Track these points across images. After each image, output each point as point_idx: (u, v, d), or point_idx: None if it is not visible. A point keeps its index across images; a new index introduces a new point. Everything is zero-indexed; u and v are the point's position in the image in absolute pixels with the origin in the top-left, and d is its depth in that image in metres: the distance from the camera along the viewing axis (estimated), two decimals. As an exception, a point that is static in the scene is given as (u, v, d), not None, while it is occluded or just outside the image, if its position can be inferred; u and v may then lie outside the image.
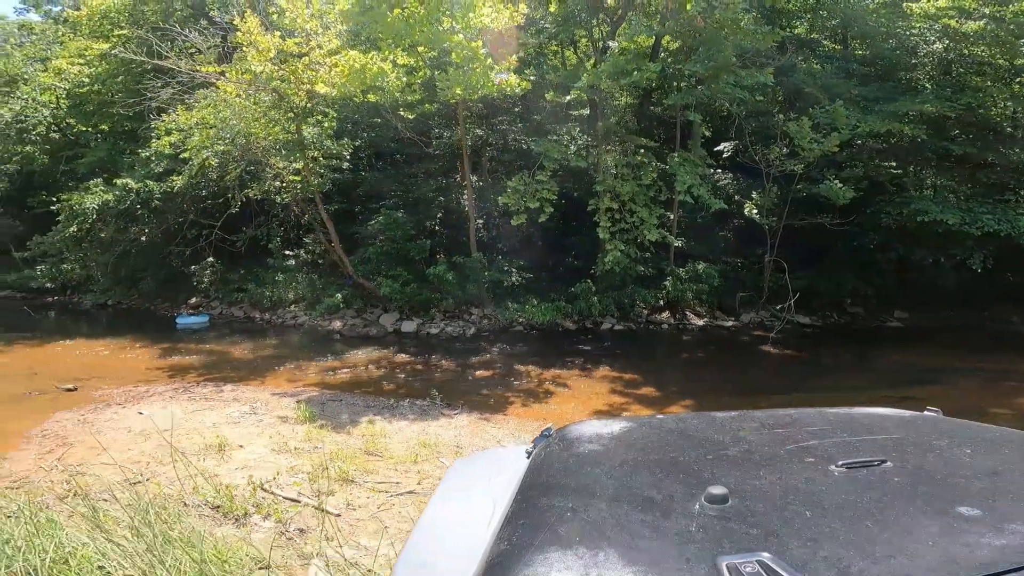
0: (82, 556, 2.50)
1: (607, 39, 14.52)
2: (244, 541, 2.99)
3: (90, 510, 3.05)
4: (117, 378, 9.00)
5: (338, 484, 4.02)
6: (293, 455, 4.64)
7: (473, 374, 9.38)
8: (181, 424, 5.61)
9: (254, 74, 13.28)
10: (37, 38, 30.61)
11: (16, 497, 3.69)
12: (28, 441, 5.83)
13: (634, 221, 12.66)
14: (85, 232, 16.13)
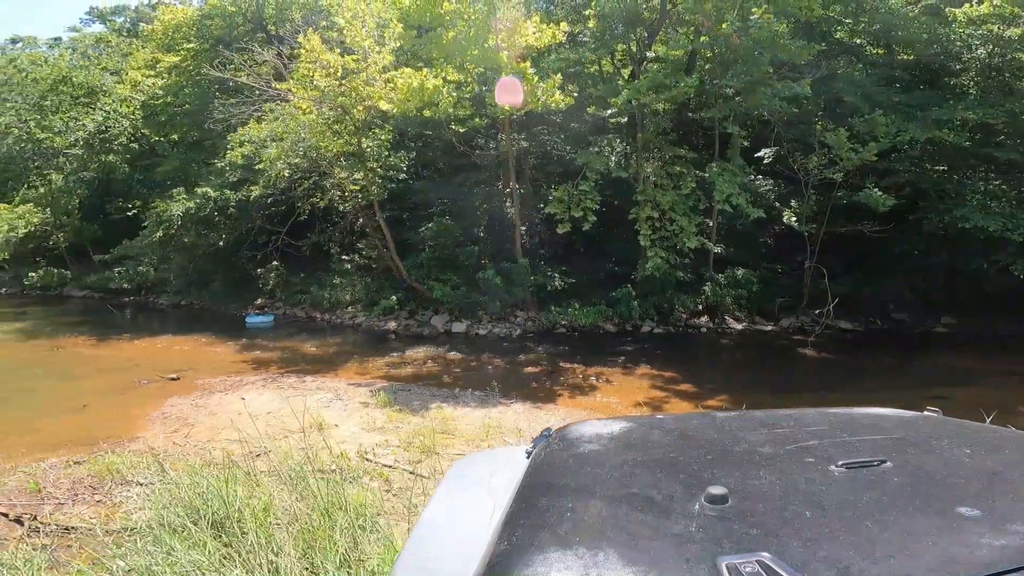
0: (256, 504, 3.38)
1: (644, 49, 15.10)
2: (363, 494, 3.82)
3: (244, 472, 3.95)
4: (209, 369, 10.21)
5: (423, 455, 4.84)
6: (380, 432, 5.49)
7: (522, 370, 10.18)
8: (281, 408, 6.58)
9: (320, 90, 14.42)
10: (112, 50, 32.59)
11: (177, 465, 4.69)
12: (153, 422, 6.92)
13: (674, 229, 13.17)
14: (169, 237, 17.59)
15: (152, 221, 17.91)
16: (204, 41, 22.57)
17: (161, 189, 23.13)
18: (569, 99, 13.15)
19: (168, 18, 23.79)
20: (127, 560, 2.65)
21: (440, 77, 13.28)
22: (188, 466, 4.28)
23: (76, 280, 25.55)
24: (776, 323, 15.59)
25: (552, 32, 13.05)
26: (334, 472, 4.36)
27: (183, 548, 2.66)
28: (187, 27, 22.79)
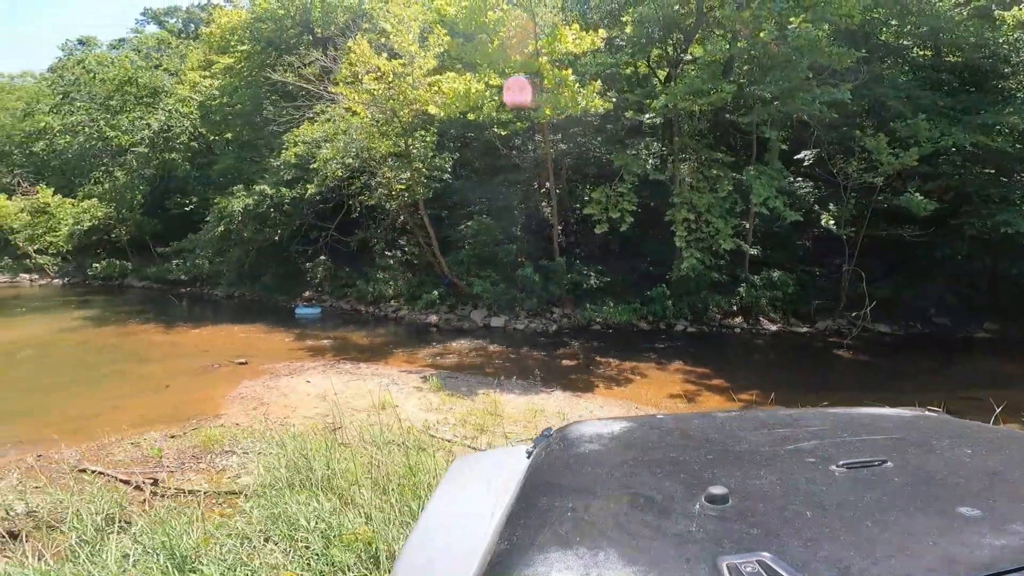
0: (350, 464, 3.98)
1: (681, 52, 15.33)
2: (436, 460, 4.40)
3: (333, 440, 4.58)
4: (270, 355, 11.07)
5: (477, 432, 5.41)
6: (437, 412, 6.08)
7: (560, 363, 10.69)
8: (344, 390, 7.27)
9: (371, 94, 15.18)
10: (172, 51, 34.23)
11: (267, 437, 5.37)
12: (232, 402, 7.70)
13: (709, 231, 13.40)
14: (229, 231, 18.68)
15: (214, 216, 19.04)
16: (256, 43, 23.55)
17: (216, 186, 24.38)
18: (608, 104, 13.54)
19: (224, 21, 24.94)
20: (259, 511, 3.27)
21: (483, 82, 13.87)
22: (287, 435, 4.91)
23: (136, 271, 27.14)
24: (812, 325, 15.60)
25: (591, 39, 13.46)
26: (403, 445, 4.96)
27: (301, 500, 3.28)
28: (241, 30, 23.80)
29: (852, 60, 11.67)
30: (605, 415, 6.57)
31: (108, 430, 5.60)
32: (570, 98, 13.09)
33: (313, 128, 18.05)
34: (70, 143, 26.15)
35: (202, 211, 25.75)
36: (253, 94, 24.16)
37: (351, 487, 3.42)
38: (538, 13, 13.78)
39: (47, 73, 50.81)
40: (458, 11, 13.78)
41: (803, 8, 11.18)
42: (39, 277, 30.63)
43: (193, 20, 53.72)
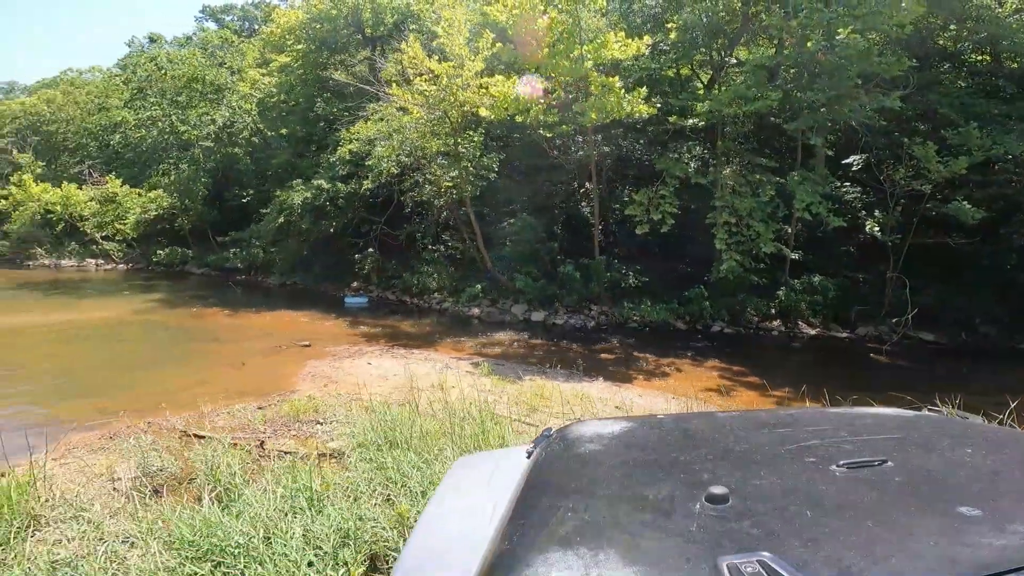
0: (430, 428, 4.63)
1: (725, 55, 15.51)
2: (499, 428, 5.01)
3: (410, 410, 5.24)
4: (329, 339, 11.95)
5: (529, 411, 6.00)
6: (490, 394, 6.68)
7: (599, 356, 11.20)
8: (403, 372, 7.97)
9: (424, 95, 15.94)
10: (234, 49, 35.77)
11: (345, 408, 6.09)
12: (304, 379, 8.53)
13: (750, 234, 13.58)
14: (289, 223, 19.80)
15: (274, 208, 20.20)
16: (311, 43, 24.59)
17: (273, 180, 25.65)
18: (653, 109, 13.91)
19: (283, 21, 26.13)
20: (362, 464, 3.93)
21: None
22: (369, 405, 5.59)
23: (196, 259, 28.79)
24: (852, 331, 15.54)
25: (636, 45, 13.84)
26: (469, 415, 5.61)
27: (395, 456, 3.92)
28: (299, 30, 24.78)
29: (902, 69, 11.70)
30: (645, 402, 7.08)
31: (204, 401, 6.43)
32: (615, 103, 13.52)
33: (367, 126, 18.96)
34: (144, 137, 27.78)
35: (257, 203, 27.15)
36: (307, 92, 25.30)
37: (434, 447, 4.07)
38: (583, 18, 14.21)
39: (115, 69, 53.92)
40: (508, 17, 14.35)
41: (853, 18, 11.26)
42: (104, 262, 32.74)
43: (248, 18, 56.07)
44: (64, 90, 47.41)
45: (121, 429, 5.51)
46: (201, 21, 56.29)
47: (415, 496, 3.25)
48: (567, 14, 13.84)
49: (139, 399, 7.02)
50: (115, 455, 4.59)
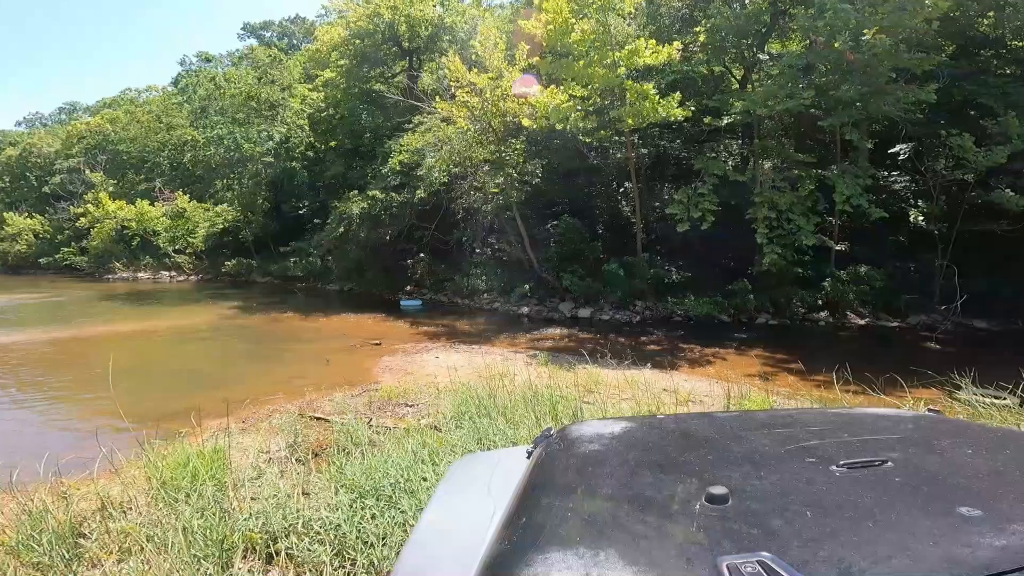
0: (508, 403, 5.54)
1: (755, 52, 15.83)
2: (563, 404, 5.89)
3: (488, 391, 6.18)
4: (395, 338, 13.12)
5: (585, 392, 6.83)
6: (549, 379, 7.56)
7: (646, 347, 11.92)
8: (468, 363, 8.96)
9: (468, 107, 16.97)
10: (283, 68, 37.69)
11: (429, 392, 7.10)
12: (382, 372, 9.65)
13: (791, 228, 13.92)
14: (348, 232, 21.19)
15: (334, 218, 21.67)
16: (352, 58, 25.98)
17: (326, 191, 27.24)
18: (688, 112, 14.48)
19: (327, 38, 27.64)
20: (460, 431, 4.87)
21: (567, 93, 15.21)
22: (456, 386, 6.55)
23: (259, 268, 30.75)
24: (903, 320, 15.57)
25: (668, 51, 14.43)
26: (539, 396, 6.51)
27: (486, 424, 4.85)
28: (341, 46, 26.26)
29: (932, 64, 11.88)
30: (689, 386, 7.80)
31: (308, 391, 7.56)
32: (651, 109, 14.18)
33: (414, 138, 20.15)
34: (213, 154, 29.87)
35: (311, 214, 28.86)
36: (352, 106, 26.76)
37: (515, 417, 4.99)
38: (613, 24, 14.82)
39: (170, 87, 57.41)
40: (544, 33, 15.14)
41: (879, 17, 11.52)
42: (176, 274, 35.28)
43: (287, 33, 58.90)
44: (127, 110, 50.72)
45: (251, 414, 6.67)
46: (243, 38, 59.42)
47: (508, 443, 4.19)
48: (598, 23, 14.52)
49: (253, 390, 8.19)
50: (259, 434, 5.68)
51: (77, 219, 39.60)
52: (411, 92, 23.16)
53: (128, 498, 3.68)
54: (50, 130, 60.04)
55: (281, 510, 3.31)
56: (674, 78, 16.18)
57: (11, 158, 53.46)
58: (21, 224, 45.93)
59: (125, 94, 62.71)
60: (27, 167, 51.84)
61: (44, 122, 70.82)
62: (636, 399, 6.25)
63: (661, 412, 5.49)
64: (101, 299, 24.45)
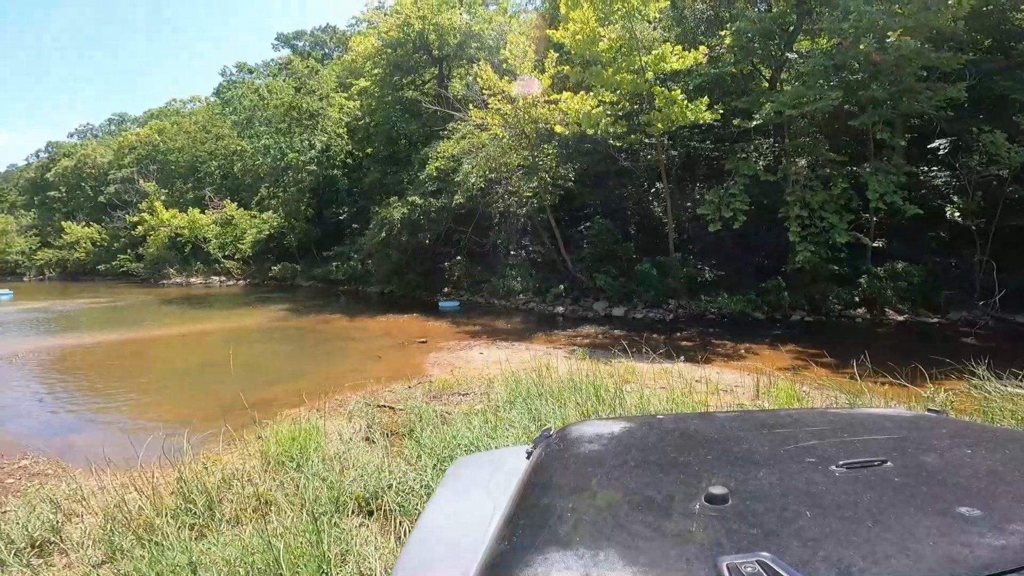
0: (552, 390, 6.17)
1: (785, 51, 15.99)
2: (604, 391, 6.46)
3: (536, 378, 6.82)
4: (439, 336, 13.88)
5: (622, 382, 7.39)
6: (588, 371, 8.14)
7: (679, 343, 12.33)
8: (509, 359, 9.60)
9: (501, 115, 17.63)
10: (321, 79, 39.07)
11: (480, 381, 7.79)
12: (431, 366, 10.38)
13: (824, 226, 14.06)
14: (390, 237, 22.13)
15: (376, 223, 22.65)
16: (385, 68, 27.03)
17: (364, 197, 28.29)
18: (716, 115, 14.81)
19: (360, 49, 28.72)
20: (515, 411, 5.52)
21: (597, 99, 15.69)
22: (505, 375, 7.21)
23: (303, 272, 32.10)
24: (943, 316, 15.45)
25: (694, 56, 14.78)
26: (582, 383, 7.11)
27: (537, 404, 5.49)
28: (376, 55, 27.38)
29: (960, 63, 11.91)
30: (721, 377, 8.26)
31: (367, 383, 8.33)
32: (679, 113, 14.58)
33: (449, 145, 20.93)
34: (261, 163, 31.34)
35: (350, 219, 29.98)
36: (386, 114, 27.79)
37: (561, 399, 5.61)
38: (638, 29, 15.22)
39: (213, 97, 59.76)
40: (572, 43, 15.67)
41: (902, 17, 11.61)
42: (226, 279, 37.05)
43: (318, 42, 60.64)
44: (174, 120, 53.11)
45: (322, 403, 7.46)
46: (277, 48, 61.42)
47: (560, 421, 4.81)
48: (623, 28, 14.94)
49: (317, 383, 9.02)
50: (337, 419, 6.43)
51: (133, 227, 41.80)
52: (442, 99, 23.99)
53: (249, 468, 4.43)
54: (101, 141, 63.06)
55: (377, 474, 4.00)
56: (701, 80, 16.48)
57: (67, 169, 56.71)
58: (79, 233, 48.76)
59: (171, 105, 65.45)
60: (82, 177, 54.92)
61: (95, 133, 73.35)
62: (671, 387, 6.79)
63: (694, 398, 6.00)
64: (160, 303, 26.09)
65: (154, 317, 20.55)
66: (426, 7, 25.01)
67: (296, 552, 2.98)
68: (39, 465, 5.91)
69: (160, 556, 3.06)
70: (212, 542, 3.24)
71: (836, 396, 6.28)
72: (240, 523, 3.58)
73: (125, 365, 12.58)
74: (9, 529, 3.60)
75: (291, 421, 6.13)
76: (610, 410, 5.25)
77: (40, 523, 3.61)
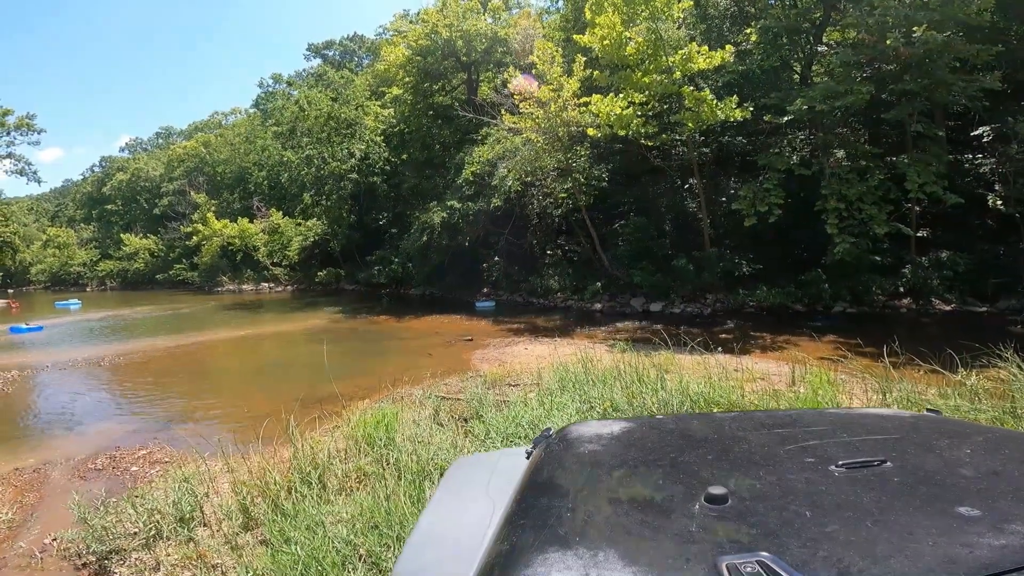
0: (605, 375, 6.72)
1: (815, 44, 15.96)
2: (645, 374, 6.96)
3: (583, 368, 7.38)
4: (482, 334, 14.57)
5: (663, 372, 7.86)
6: (629, 364, 8.62)
7: (718, 336, 12.60)
8: (554, 353, 10.15)
9: (534, 120, 18.14)
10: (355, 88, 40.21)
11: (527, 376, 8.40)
12: (480, 362, 11.05)
13: (862, 217, 14.05)
14: (431, 240, 22.96)
15: (417, 228, 23.53)
16: (416, 76, 27.86)
17: (403, 203, 29.22)
18: (747, 112, 14.99)
19: (391, 58, 29.63)
20: (563, 397, 6.11)
21: (626, 100, 16.02)
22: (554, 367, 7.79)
23: (347, 277, 33.32)
24: (992, 304, 15.21)
25: (721, 55, 14.98)
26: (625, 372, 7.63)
27: (587, 388, 6.07)
28: (407, 64, 28.17)
29: (991, 55, 11.77)
30: (760, 367, 8.62)
31: (424, 377, 9.06)
32: (709, 112, 14.83)
33: (484, 149, 21.58)
34: (307, 173, 32.69)
35: (388, 224, 30.95)
36: (419, 120, 28.59)
37: (608, 383, 6.17)
38: (664, 29, 15.47)
39: (252, 109, 61.97)
40: (600, 48, 16.05)
41: (928, 10, 11.57)
42: (275, 285, 38.69)
43: (347, 51, 62.16)
44: (219, 132, 55.41)
45: (387, 395, 8.21)
46: (309, 58, 63.23)
47: (608, 402, 5.38)
48: (649, 30, 15.23)
49: (377, 379, 9.74)
50: (405, 407, 7.12)
51: (188, 237, 43.96)
52: (473, 104, 24.63)
53: (342, 448, 5.15)
54: (152, 154, 66.22)
55: (452, 449, 4.65)
56: (730, 78, 16.63)
57: (122, 182, 59.96)
58: (137, 244, 51.62)
59: (213, 117, 68.24)
60: (136, 190, 57.99)
61: (144, 147, 76.29)
62: (709, 376, 7.24)
63: (729, 384, 6.43)
64: (217, 310, 27.67)
65: (215, 322, 21.94)
66: (452, 15, 25.75)
67: (399, 509, 3.64)
68: (155, 455, 6.81)
69: (296, 519, 3.76)
70: (333, 504, 3.94)
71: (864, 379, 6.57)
72: (348, 491, 4.26)
73: (198, 366, 13.71)
74: (159, 506, 4.38)
75: (368, 412, 6.86)
76: (652, 392, 5.78)
77: (185, 500, 4.37)
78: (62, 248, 59.07)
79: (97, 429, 8.35)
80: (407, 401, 7.48)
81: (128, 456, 6.81)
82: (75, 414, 9.47)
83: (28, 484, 6.16)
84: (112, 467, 6.50)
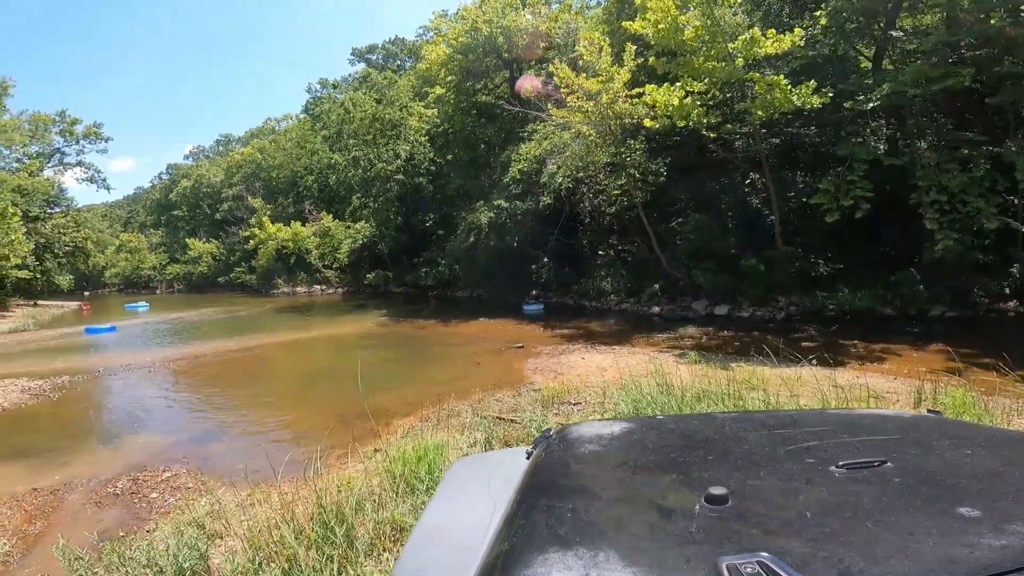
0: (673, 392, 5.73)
1: (889, 29, 14.26)
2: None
3: (657, 384, 6.38)
4: (534, 340, 13.68)
5: (749, 388, 6.75)
6: (706, 378, 7.56)
7: (799, 344, 11.23)
8: (615, 364, 9.15)
9: (584, 113, 17.10)
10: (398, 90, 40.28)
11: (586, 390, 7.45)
12: (533, 373, 10.17)
13: (967, 211, 12.45)
14: (479, 241, 22.37)
15: (463, 229, 22.97)
16: (459, 74, 27.35)
17: (448, 204, 28.76)
18: (825, 99, 13.49)
19: (433, 57, 29.22)
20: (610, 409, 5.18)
21: (683, 89, 14.76)
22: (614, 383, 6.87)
23: (395, 279, 33.31)
24: (1120, 304, 13.38)
25: (790, 39, 13.55)
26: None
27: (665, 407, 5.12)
28: (448, 62, 27.72)
29: None
30: (865, 381, 7.34)
31: (473, 391, 8.27)
32: (783, 99, 13.42)
33: (531, 146, 20.69)
34: (354, 175, 32.89)
35: (434, 226, 30.58)
36: (463, 120, 28.05)
37: (689, 404, 5.18)
38: (720, 15, 14.19)
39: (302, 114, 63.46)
40: (655, 33, 14.81)
41: None
42: (326, 287, 39.30)
43: (390, 55, 62.61)
44: (273, 138, 57.13)
45: (432, 413, 7.47)
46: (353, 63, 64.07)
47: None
48: (704, 15, 13.99)
49: (424, 391, 9.04)
50: (451, 432, 6.34)
51: (246, 241, 45.36)
52: (517, 101, 23.88)
53: (378, 488, 4.37)
54: (213, 161, 69.18)
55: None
56: (798, 64, 15.14)
57: (186, 189, 62.82)
58: (201, 248, 53.92)
59: (267, 124, 70.58)
60: (199, 196, 60.62)
61: (206, 155, 79.05)
62: (823, 395, 6.08)
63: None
64: (273, 312, 28.14)
65: (268, 326, 22.07)
66: (491, 11, 25.14)
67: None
68: (180, 479, 6.32)
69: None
70: (359, 569, 3.18)
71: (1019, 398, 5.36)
72: (379, 552, 3.50)
73: (247, 372, 13.49)
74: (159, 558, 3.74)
75: (410, 435, 6.14)
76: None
77: (188, 551, 3.72)
78: (134, 252, 62.44)
79: (131, 443, 8.03)
80: (454, 424, 6.70)
81: (151, 480, 6.36)
82: (112, 424, 9.29)
83: (40, 509, 5.76)
84: (132, 492, 6.04)
